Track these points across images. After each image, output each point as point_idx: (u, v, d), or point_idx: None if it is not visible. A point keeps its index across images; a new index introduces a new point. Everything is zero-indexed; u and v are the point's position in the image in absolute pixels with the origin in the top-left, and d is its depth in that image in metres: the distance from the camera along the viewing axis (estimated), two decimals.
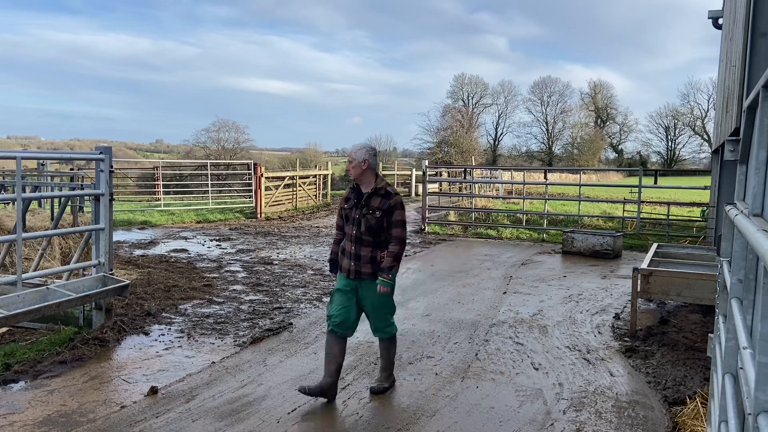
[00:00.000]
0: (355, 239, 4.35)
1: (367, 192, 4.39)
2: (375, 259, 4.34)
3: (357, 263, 4.35)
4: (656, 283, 6.18)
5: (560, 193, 21.21)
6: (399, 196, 4.43)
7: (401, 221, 4.36)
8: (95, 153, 5.95)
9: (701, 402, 4.26)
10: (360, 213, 4.33)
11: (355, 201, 4.41)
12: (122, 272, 8.55)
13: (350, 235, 4.38)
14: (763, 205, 1.79)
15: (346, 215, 4.46)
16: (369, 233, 4.31)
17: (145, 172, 24.80)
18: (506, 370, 5.15)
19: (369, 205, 4.33)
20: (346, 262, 4.41)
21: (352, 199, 4.45)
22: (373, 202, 4.34)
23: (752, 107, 1.99)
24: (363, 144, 4.50)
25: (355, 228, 4.34)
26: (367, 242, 4.33)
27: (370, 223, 4.30)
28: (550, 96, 64.70)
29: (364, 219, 4.31)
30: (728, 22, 8.70)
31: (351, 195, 4.49)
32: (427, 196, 15.41)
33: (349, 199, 4.48)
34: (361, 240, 4.33)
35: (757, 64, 5.01)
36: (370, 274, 4.34)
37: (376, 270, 4.34)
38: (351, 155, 4.46)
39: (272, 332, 6.03)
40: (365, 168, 4.40)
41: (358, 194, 4.44)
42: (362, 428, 3.98)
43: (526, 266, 10.39)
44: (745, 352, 1.56)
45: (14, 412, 4.07)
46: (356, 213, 4.35)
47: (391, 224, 4.33)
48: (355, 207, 4.39)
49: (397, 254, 4.35)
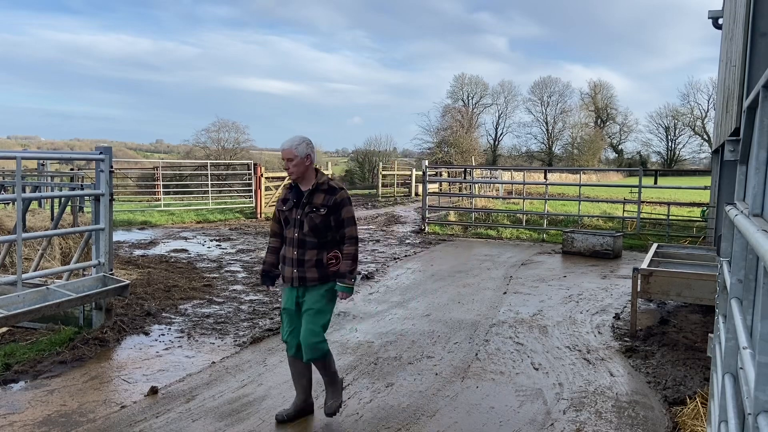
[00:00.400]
0: (298, 242, 3.91)
1: (308, 189, 3.97)
2: (321, 263, 3.92)
3: (300, 269, 3.91)
4: (656, 283, 6.18)
5: (560, 193, 21.21)
6: (344, 190, 4.03)
7: (351, 218, 3.98)
8: (95, 153, 5.95)
9: (701, 402, 4.26)
10: (302, 212, 3.91)
11: (295, 201, 3.98)
12: (122, 272, 8.55)
13: (291, 239, 3.94)
14: (763, 205, 1.79)
15: (285, 218, 4.01)
16: (313, 234, 3.89)
17: (145, 172, 24.81)
18: (506, 370, 5.15)
19: (312, 203, 3.91)
20: (288, 270, 3.96)
21: (290, 200, 4.01)
22: (316, 198, 3.93)
23: (752, 107, 1.99)
24: (300, 137, 3.98)
25: (296, 230, 3.92)
26: (311, 244, 3.90)
27: (315, 222, 3.87)
28: (550, 96, 64.77)
29: (307, 218, 3.89)
30: (728, 22, 8.70)
31: (289, 195, 4.04)
32: (427, 196, 15.42)
33: (287, 200, 4.03)
34: (305, 242, 3.90)
35: (757, 64, 5.01)
36: (316, 279, 3.92)
37: (324, 274, 3.92)
38: (291, 152, 3.92)
39: (272, 332, 6.04)
40: (308, 165, 3.97)
41: (298, 193, 4.01)
42: (362, 428, 3.98)
43: (526, 266, 10.39)
44: (745, 352, 1.56)
45: (14, 412, 4.07)
46: (297, 213, 3.94)
47: (341, 223, 3.93)
48: (295, 207, 3.97)
49: (354, 255, 3.97)
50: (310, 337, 3.89)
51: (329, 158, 42.25)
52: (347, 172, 47.87)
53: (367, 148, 48.70)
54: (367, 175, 44.72)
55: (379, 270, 9.69)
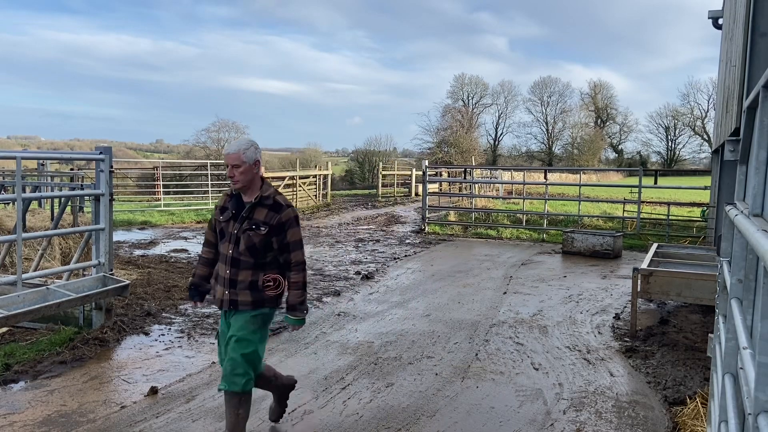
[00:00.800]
0: (231, 260, 3.46)
1: (250, 201, 3.48)
2: (255, 285, 3.46)
3: (233, 290, 3.47)
4: (656, 283, 6.18)
5: (560, 193, 21.21)
6: (293, 208, 3.53)
7: (298, 241, 3.50)
8: (95, 153, 5.95)
9: (701, 402, 4.26)
10: (239, 228, 3.44)
11: (234, 212, 3.50)
12: (122, 272, 8.55)
13: (225, 256, 3.49)
14: (763, 205, 1.79)
15: (221, 230, 3.55)
16: (250, 253, 3.43)
17: (145, 172, 24.83)
18: (506, 370, 5.15)
19: (252, 218, 3.44)
20: (220, 290, 3.52)
21: (229, 210, 3.54)
22: (258, 214, 3.45)
23: (752, 107, 1.99)
24: (247, 140, 3.55)
25: (232, 246, 3.46)
26: (246, 264, 3.45)
27: (253, 241, 3.41)
28: (550, 96, 64.78)
29: (245, 235, 3.42)
30: (728, 22, 8.70)
31: (228, 204, 3.56)
32: (427, 196, 15.42)
33: (226, 210, 3.56)
34: (239, 262, 3.45)
35: (757, 64, 5.01)
36: (249, 303, 3.46)
37: (258, 299, 3.48)
38: (237, 157, 3.43)
39: (272, 332, 6.03)
40: (256, 172, 3.51)
41: (238, 204, 3.52)
42: (362, 428, 3.98)
43: (526, 266, 10.39)
44: (745, 352, 1.56)
45: (14, 412, 4.07)
46: (234, 227, 3.46)
47: (285, 246, 3.46)
48: (233, 220, 3.49)
49: (303, 283, 3.53)
50: (229, 367, 3.44)
51: (329, 158, 42.24)
52: (347, 172, 47.90)
53: (367, 148, 48.76)
54: (367, 175, 44.76)
55: (379, 270, 9.70)
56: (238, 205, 3.51)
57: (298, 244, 3.50)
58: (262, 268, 3.48)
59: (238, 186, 3.46)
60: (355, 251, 11.69)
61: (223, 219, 3.53)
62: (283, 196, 3.57)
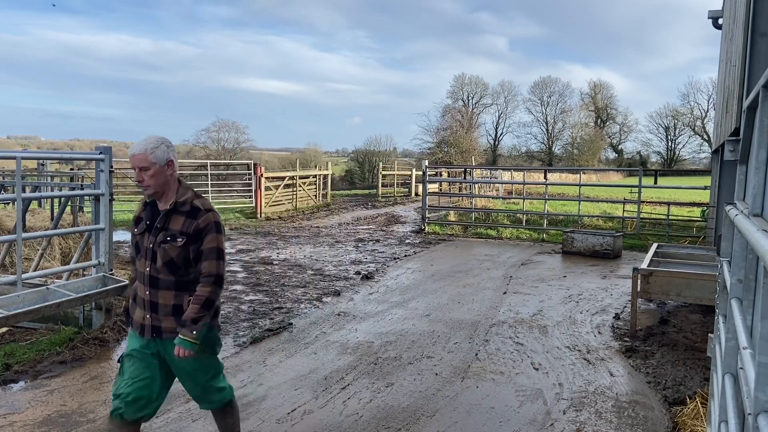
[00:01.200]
0: (150, 279, 2.97)
1: (165, 209, 2.99)
2: (180, 310, 2.98)
3: (154, 315, 2.98)
4: (656, 283, 6.18)
5: (560, 193, 21.21)
6: (213, 213, 3.03)
7: (215, 249, 2.98)
8: (95, 153, 5.95)
9: (701, 402, 4.26)
10: (154, 240, 2.96)
11: (148, 223, 3.01)
12: (122, 272, 8.55)
13: (143, 274, 3.00)
14: (763, 205, 1.79)
15: (136, 244, 3.06)
16: (169, 270, 2.94)
17: None
18: (506, 370, 5.15)
19: (167, 229, 2.96)
20: (139, 314, 3.03)
21: (143, 221, 3.04)
22: (174, 223, 2.96)
23: (752, 107, 1.99)
24: (156, 138, 2.99)
25: (148, 263, 2.96)
26: (166, 283, 2.96)
27: (170, 255, 2.92)
28: (550, 96, 64.75)
29: (161, 249, 2.93)
30: (728, 22, 8.69)
31: (142, 214, 3.07)
32: (427, 196, 15.42)
33: (140, 220, 3.06)
34: (158, 281, 2.96)
35: (757, 64, 5.01)
36: (173, 331, 2.96)
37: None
38: (144, 158, 2.92)
39: (272, 332, 6.04)
40: (170, 174, 3.00)
41: (153, 212, 3.03)
42: (362, 428, 3.98)
43: (526, 266, 10.39)
44: (745, 352, 1.56)
45: (14, 412, 4.07)
46: (149, 240, 2.98)
47: (200, 254, 2.95)
48: (147, 232, 3.00)
49: (207, 299, 2.95)
50: (204, 394, 3.17)
51: (329, 158, 42.25)
52: (347, 172, 47.89)
53: (367, 148, 48.75)
54: (367, 175, 44.75)
55: (379, 270, 9.70)
56: (153, 214, 3.03)
57: (213, 253, 2.96)
58: (186, 288, 2.98)
59: (150, 192, 2.97)
60: (355, 251, 11.70)
61: (138, 231, 3.05)
62: (204, 199, 3.08)
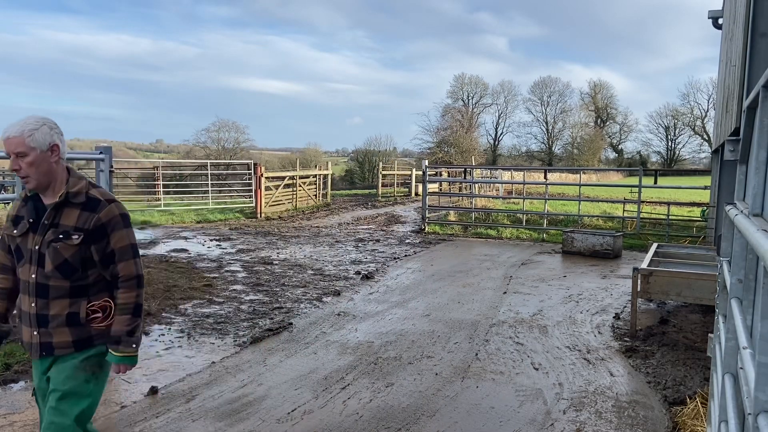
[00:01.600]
0: (37, 288, 2.48)
1: (54, 202, 2.50)
2: (76, 318, 2.50)
3: (43, 330, 2.49)
4: (656, 283, 6.18)
5: (560, 193, 21.20)
6: (117, 203, 2.57)
7: (129, 247, 2.57)
8: (95, 153, 5.96)
9: (701, 402, 4.26)
10: (41, 240, 2.47)
11: (32, 221, 2.51)
12: None
13: (27, 283, 2.50)
14: (763, 205, 1.79)
15: (17, 248, 2.54)
16: (62, 274, 2.47)
17: (145, 172, 24.78)
18: (506, 370, 5.15)
19: (58, 225, 2.47)
20: (27, 332, 2.54)
21: (24, 219, 2.53)
22: (66, 218, 2.48)
23: (752, 107, 1.99)
24: (36, 118, 2.45)
25: (34, 268, 2.48)
26: (58, 291, 2.48)
27: (63, 256, 2.45)
28: (550, 96, 64.80)
29: (51, 250, 2.46)
30: (728, 22, 8.69)
31: (22, 211, 2.55)
32: (427, 196, 15.42)
33: (20, 219, 2.54)
34: (47, 288, 2.48)
35: (757, 64, 5.01)
36: (69, 345, 2.50)
37: (82, 337, 2.52)
38: (20, 141, 2.39)
39: (272, 332, 6.04)
40: (55, 161, 2.48)
41: (37, 208, 2.53)
42: (362, 428, 3.98)
43: (526, 266, 10.39)
44: (745, 352, 1.56)
45: (14, 412, 4.08)
46: (35, 241, 2.49)
47: (110, 256, 2.53)
48: (31, 231, 2.50)
49: (136, 305, 2.57)
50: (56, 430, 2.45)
51: (329, 158, 42.26)
52: (347, 172, 47.93)
53: (367, 148, 48.80)
54: (367, 174, 44.78)
55: (379, 270, 9.70)
56: (38, 209, 2.52)
57: (128, 251, 2.56)
58: (83, 294, 2.52)
59: (31, 184, 2.47)
60: (355, 251, 11.70)
61: (18, 232, 2.52)
62: (101, 189, 2.62)
